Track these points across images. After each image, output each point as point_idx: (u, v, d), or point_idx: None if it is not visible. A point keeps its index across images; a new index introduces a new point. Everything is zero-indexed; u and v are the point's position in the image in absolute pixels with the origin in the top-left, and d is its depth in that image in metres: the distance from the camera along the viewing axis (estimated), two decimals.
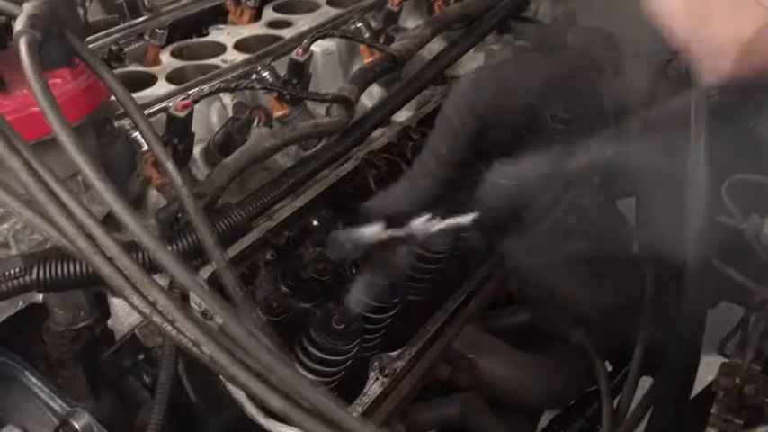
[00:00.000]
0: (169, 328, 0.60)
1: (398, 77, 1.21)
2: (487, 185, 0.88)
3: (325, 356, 0.79)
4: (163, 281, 0.65)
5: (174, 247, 0.74)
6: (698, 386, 1.29)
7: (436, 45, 1.25)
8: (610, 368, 1.26)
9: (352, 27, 1.22)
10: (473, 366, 0.97)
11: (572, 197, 1.07)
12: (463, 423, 0.98)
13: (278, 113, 1.04)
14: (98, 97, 0.80)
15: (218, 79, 1.00)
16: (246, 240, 0.82)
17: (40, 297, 0.83)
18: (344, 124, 0.98)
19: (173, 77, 1.05)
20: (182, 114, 0.86)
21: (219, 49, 1.15)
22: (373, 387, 0.84)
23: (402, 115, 1.14)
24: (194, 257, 0.75)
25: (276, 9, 1.31)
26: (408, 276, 0.94)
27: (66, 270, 0.72)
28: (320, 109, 1.08)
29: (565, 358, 1.09)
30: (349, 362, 0.83)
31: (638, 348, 1.12)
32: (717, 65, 0.59)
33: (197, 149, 0.94)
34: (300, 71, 1.03)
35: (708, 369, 1.30)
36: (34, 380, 0.83)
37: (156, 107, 0.94)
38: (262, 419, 0.72)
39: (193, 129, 0.90)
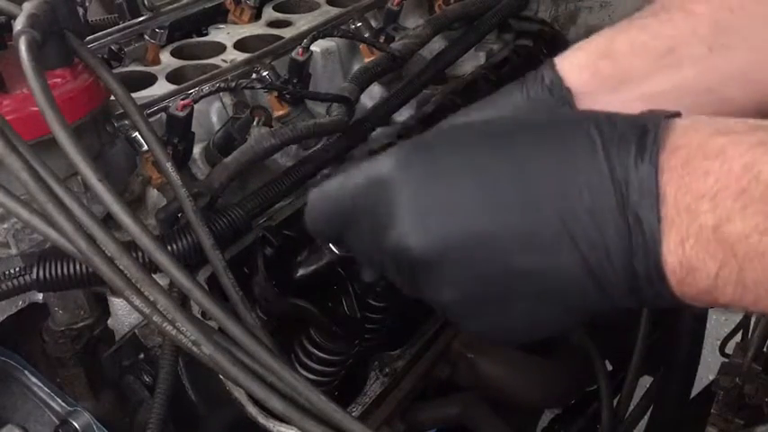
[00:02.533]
0: (169, 328, 0.60)
1: (399, 77, 1.21)
2: None
3: (324, 356, 0.79)
4: (163, 280, 0.65)
5: (173, 247, 0.74)
6: (698, 386, 1.29)
7: (437, 44, 1.25)
8: (610, 368, 1.26)
9: (353, 26, 1.22)
10: (473, 366, 0.97)
11: None
12: (463, 423, 0.98)
13: (278, 113, 1.04)
14: (98, 97, 0.80)
15: (218, 79, 1.00)
16: (246, 240, 0.82)
17: (40, 297, 0.83)
18: (345, 123, 0.98)
19: (173, 77, 1.05)
20: (182, 114, 0.86)
21: (219, 48, 1.15)
22: (373, 386, 0.84)
23: (402, 115, 1.14)
24: (194, 257, 0.75)
25: (276, 8, 1.30)
26: None
27: (66, 270, 0.72)
28: (320, 108, 1.08)
29: (565, 358, 1.09)
30: (349, 361, 0.83)
31: (638, 348, 1.12)
32: None
33: (197, 149, 0.94)
34: (300, 71, 1.03)
35: (708, 369, 1.30)
36: (34, 380, 0.83)
37: (156, 107, 0.94)
38: (262, 419, 0.72)
39: (193, 128, 0.90)
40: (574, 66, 0.69)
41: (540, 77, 0.69)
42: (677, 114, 0.48)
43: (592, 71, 0.68)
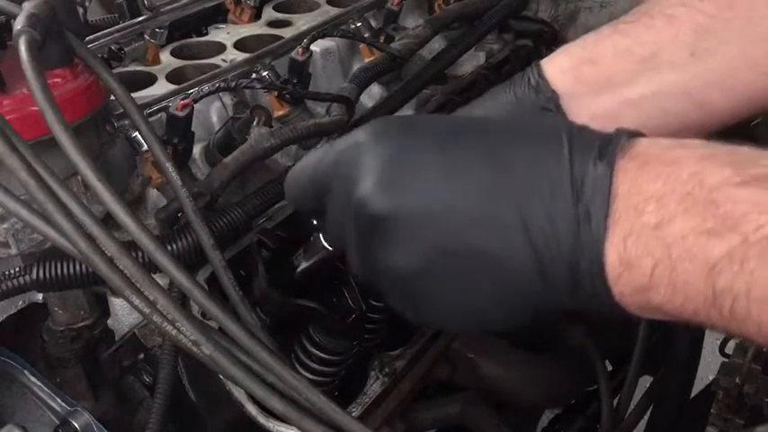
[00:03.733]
0: (169, 327, 0.60)
1: (398, 77, 1.21)
2: None
3: (324, 356, 0.79)
4: (163, 280, 0.65)
5: (173, 247, 0.74)
6: (698, 386, 1.29)
7: (436, 44, 1.25)
8: (610, 368, 1.26)
9: (353, 26, 1.22)
10: (473, 366, 0.97)
11: None
12: (463, 422, 0.98)
13: (278, 113, 1.04)
14: (98, 97, 0.80)
15: (218, 78, 1.00)
16: (246, 240, 0.82)
17: (40, 297, 0.83)
18: (344, 123, 0.98)
19: (173, 77, 1.05)
20: (182, 114, 0.86)
21: (219, 48, 1.15)
22: (373, 386, 0.84)
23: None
24: (194, 257, 0.75)
25: (276, 8, 1.30)
26: None
27: (66, 270, 0.72)
28: (320, 108, 1.08)
29: (565, 358, 1.09)
30: (349, 361, 0.83)
31: (638, 348, 1.12)
32: None
33: (197, 149, 0.94)
34: (300, 71, 1.03)
35: (708, 369, 1.30)
36: (34, 380, 0.83)
37: (156, 107, 0.94)
38: (262, 419, 0.72)
39: (193, 128, 0.90)
40: (557, 69, 0.71)
41: (527, 80, 0.71)
42: (641, 134, 0.51)
43: (575, 75, 0.71)
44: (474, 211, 0.50)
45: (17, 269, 0.73)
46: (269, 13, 1.29)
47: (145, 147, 0.84)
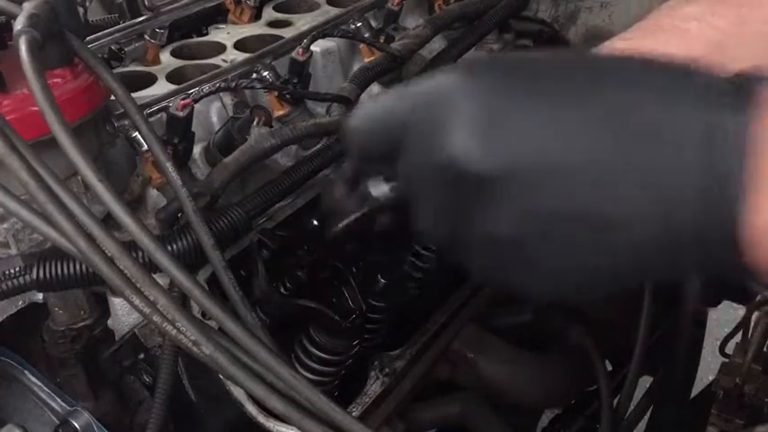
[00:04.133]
0: (169, 327, 0.60)
1: (398, 77, 1.21)
2: None
3: (324, 356, 0.79)
4: (163, 280, 0.65)
5: (173, 247, 0.74)
6: (698, 386, 1.29)
7: (436, 44, 1.25)
8: (610, 368, 1.26)
9: (353, 26, 1.22)
10: (473, 366, 0.97)
11: None
12: (463, 423, 0.98)
13: (278, 113, 1.04)
14: (98, 97, 0.80)
15: (218, 79, 1.00)
16: (246, 240, 0.82)
17: (40, 297, 0.83)
18: None
19: (173, 77, 1.05)
20: (182, 114, 0.86)
21: (219, 48, 1.15)
22: (373, 386, 0.84)
23: None
24: (194, 257, 0.75)
25: (276, 8, 1.31)
26: (407, 275, 0.94)
27: (66, 270, 0.72)
28: (320, 108, 1.08)
29: (565, 358, 1.09)
30: (349, 361, 0.83)
31: (638, 348, 1.11)
32: None
33: (197, 149, 0.94)
34: (300, 71, 1.03)
35: (708, 369, 1.30)
36: (34, 380, 0.83)
37: (156, 107, 0.94)
38: (262, 419, 0.72)
39: (193, 128, 0.90)
40: None
41: None
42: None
43: None
44: (593, 173, 0.44)
45: (17, 269, 0.73)
46: (269, 13, 1.29)
47: (145, 147, 0.84)
